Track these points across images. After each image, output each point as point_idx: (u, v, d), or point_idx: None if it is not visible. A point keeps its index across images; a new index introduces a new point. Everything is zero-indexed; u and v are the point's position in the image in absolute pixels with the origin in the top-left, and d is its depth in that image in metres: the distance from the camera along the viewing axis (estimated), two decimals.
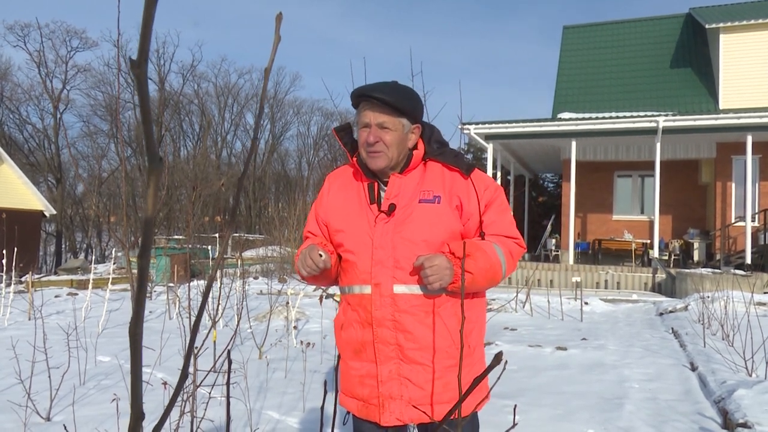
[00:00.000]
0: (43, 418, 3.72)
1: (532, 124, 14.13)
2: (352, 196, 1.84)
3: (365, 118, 1.76)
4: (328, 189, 1.92)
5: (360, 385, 1.78)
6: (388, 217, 1.74)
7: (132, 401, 0.41)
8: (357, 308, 1.78)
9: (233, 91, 43.76)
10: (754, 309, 7.39)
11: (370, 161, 1.77)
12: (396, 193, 1.77)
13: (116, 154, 37.64)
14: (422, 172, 1.81)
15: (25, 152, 35.04)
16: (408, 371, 1.71)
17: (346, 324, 1.82)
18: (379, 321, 1.72)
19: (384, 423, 1.72)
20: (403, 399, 1.71)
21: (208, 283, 0.52)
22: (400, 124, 1.76)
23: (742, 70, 15.21)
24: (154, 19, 0.32)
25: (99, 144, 38.60)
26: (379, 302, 1.72)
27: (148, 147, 0.34)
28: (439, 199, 1.74)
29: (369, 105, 1.75)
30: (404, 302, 1.70)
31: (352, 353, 1.81)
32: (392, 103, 1.72)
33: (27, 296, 9.07)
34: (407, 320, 1.70)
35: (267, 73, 0.48)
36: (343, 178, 1.91)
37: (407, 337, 1.70)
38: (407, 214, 1.74)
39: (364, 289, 1.75)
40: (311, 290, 10.73)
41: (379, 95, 1.71)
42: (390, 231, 1.73)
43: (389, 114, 1.74)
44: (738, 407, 3.68)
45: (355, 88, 1.80)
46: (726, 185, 14.28)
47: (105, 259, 33.13)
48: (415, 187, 1.78)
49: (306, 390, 4.28)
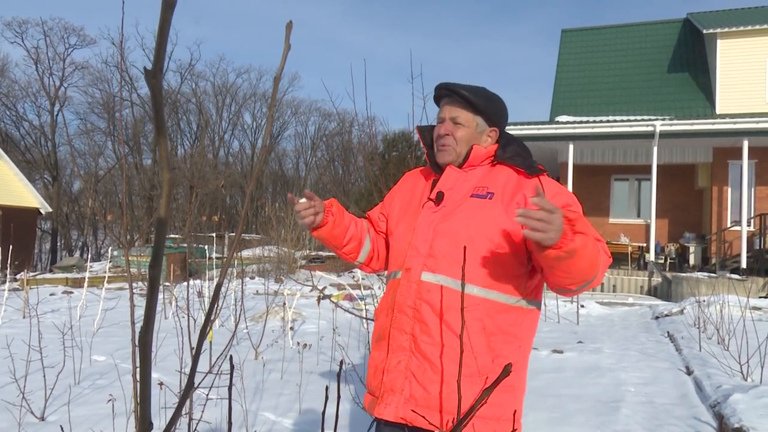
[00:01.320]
0: (38, 418, 3.70)
1: (529, 126, 14.15)
2: (418, 191, 1.85)
3: (442, 112, 1.78)
4: (400, 185, 1.95)
5: (373, 377, 1.73)
6: (436, 206, 1.72)
7: (141, 408, 0.41)
8: (388, 294, 1.75)
9: (231, 91, 43.74)
10: (750, 313, 7.41)
11: (439, 155, 1.77)
12: (450, 186, 1.74)
13: (113, 152, 37.58)
14: (487, 171, 1.76)
15: (21, 149, 34.92)
16: (416, 366, 1.61)
17: (379, 313, 1.79)
18: (400, 306, 1.66)
19: (377, 414, 1.65)
20: (403, 394, 1.61)
21: (217, 285, 0.52)
22: (474, 121, 1.75)
23: (739, 75, 15.27)
24: (170, 28, 0.32)
25: (96, 142, 38.53)
26: (406, 287, 1.67)
27: (161, 156, 0.34)
28: (492, 195, 1.67)
29: (447, 100, 1.77)
30: (427, 291, 1.63)
31: (375, 341, 1.77)
32: (469, 99, 1.72)
33: (22, 294, 9.04)
34: (426, 310, 1.62)
35: (276, 81, 0.48)
36: (417, 176, 1.93)
37: (423, 328, 1.62)
38: (455, 207, 1.69)
39: (398, 275, 1.72)
40: (308, 291, 10.72)
41: (458, 90, 1.72)
42: (435, 220, 1.70)
43: (464, 109, 1.74)
44: (733, 412, 3.69)
45: (440, 83, 1.80)
46: (722, 190, 14.33)
47: (101, 257, 33.05)
48: (475, 183, 1.73)
49: (302, 391, 4.27)
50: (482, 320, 1.59)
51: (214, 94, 43.29)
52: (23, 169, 25.43)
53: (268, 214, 18.48)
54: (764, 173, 14.15)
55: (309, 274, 14.43)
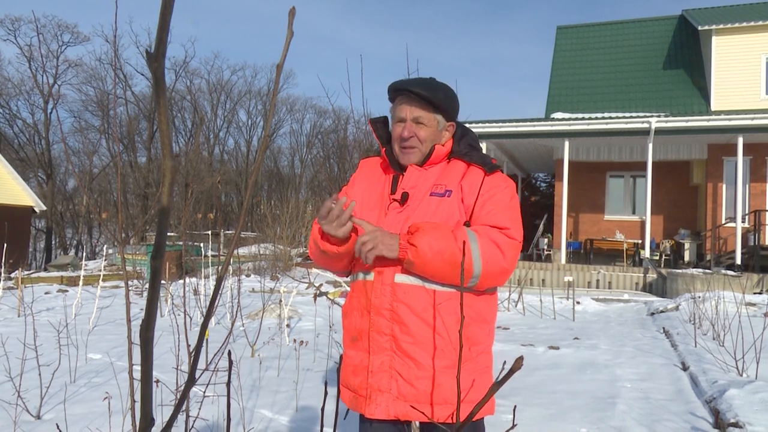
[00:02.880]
0: (33, 416, 3.69)
1: (525, 123, 14.16)
2: (376, 186, 1.84)
3: (401, 112, 1.75)
4: (358, 174, 1.94)
5: (353, 375, 1.75)
6: (401, 206, 1.73)
7: (142, 405, 0.40)
8: (359, 295, 1.76)
9: (226, 88, 43.61)
10: (745, 309, 7.45)
11: (403, 156, 1.77)
12: (413, 184, 1.76)
13: (108, 150, 37.42)
14: (444, 168, 1.79)
15: (15, 147, 34.70)
16: (400, 365, 1.66)
17: (348, 311, 1.81)
18: (377, 309, 1.69)
19: (368, 415, 1.68)
20: (391, 393, 1.66)
21: (218, 278, 0.51)
22: (435, 120, 1.76)
23: (734, 72, 15.31)
24: (172, 12, 0.31)
25: (90, 140, 38.35)
26: (380, 290, 1.69)
27: (164, 143, 0.33)
28: (450, 193, 1.72)
29: (406, 99, 1.75)
30: (404, 292, 1.67)
31: (349, 341, 1.79)
32: (429, 98, 1.71)
33: (17, 293, 9.00)
34: (404, 311, 1.66)
35: (279, 69, 0.47)
36: (373, 167, 1.91)
37: (402, 329, 1.66)
38: (417, 206, 1.72)
39: (368, 276, 1.73)
40: (304, 288, 10.71)
41: (417, 89, 1.70)
42: (401, 221, 1.71)
43: (425, 109, 1.73)
44: (729, 407, 3.71)
45: (392, 82, 1.78)
46: (717, 186, 14.38)
47: (95, 255, 32.93)
48: (433, 181, 1.76)
49: (299, 389, 4.26)
50: (456, 313, 1.67)
51: (209, 92, 43.19)
52: (17, 167, 25.32)
53: (263, 211, 18.45)
54: (759, 170, 14.21)
55: (305, 271, 14.42)
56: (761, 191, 14.14)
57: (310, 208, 18.99)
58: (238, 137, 45.08)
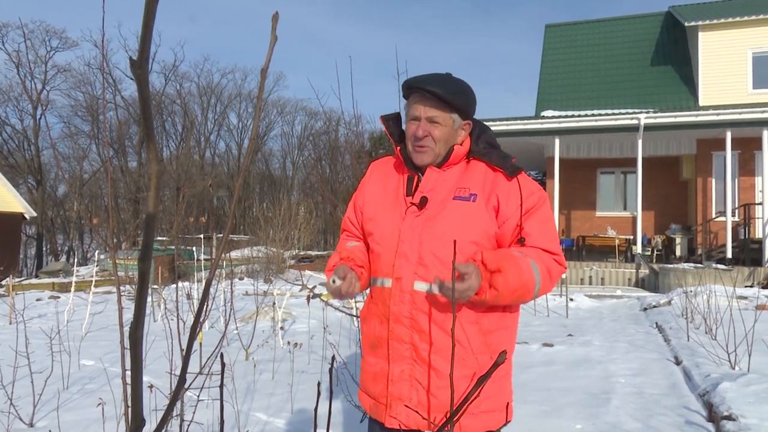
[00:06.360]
0: (26, 424, 3.66)
1: (515, 122, 14.22)
2: (391, 186, 1.79)
3: (415, 111, 1.69)
4: (369, 177, 1.88)
5: (372, 382, 1.73)
6: (419, 210, 1.68)
7: (132, 406, 0.40)
8: (378, 302, 1.72)
9: (216, 91, 43.45)
10: (736, 303, 7.51)
11: (416, 156, 1.71)
12: (431, 187, 1.70)
13: (98, 155, 37.20)
14: (464, 169, 1.73)
15: (4, 154, 34.44)
16: (420, 374, 1.63)
17: (367, 317, 1.78)
18: (396, 317, 1.65)
19: (388, 425, 1.66)
20: (411, 402, 1.63)
21: (207, 282, 0.52)
22: (451, 119, 1.69)
23: (721, 67, 15.42)
24: (155, 18, 0.31)
25: (80, 145, 38.11)
26: (399, 297, 1.65)
27: (149, 148, 0.34)
28: (475, 197, 1.66)
29: (420, 97, 1.68)
30: (423, 301, 1.63)
31: (368, 348, 1.76)
32: (444, 97, 1.64)
33: (8, 300, 8.93)
34: (424, 320, 1.62)
35: (263, 73, 0.48)
36: (386, 167, 1.86)
37: (422, 337, 1.62)
38: (439, 210, 1.66)
39: (386, 283, 1.69)
40: (297, 290, 10.70)
41: (432, 88, 1.63)
42: (419, 225, 1.66)
43: (440, 108, 1.67)
44: (722, 400, 3.74)
45: (408, 78, 1.72)
46: (706, 181, 14.49)
47: (87, 261, 32.71)
48: (454, 183, 1.70)
49: (294, 391, 4.26)
50: (478, 322, 1.63)
51: (199, 95, 43.02)
52: (6, 173, 25.10)
53: (255, 214, 18.40)
54: (747, 164, 14.32)
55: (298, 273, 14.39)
56: (750, 185, 14.25)
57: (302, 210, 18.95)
58: (229, 140, 44.88)
